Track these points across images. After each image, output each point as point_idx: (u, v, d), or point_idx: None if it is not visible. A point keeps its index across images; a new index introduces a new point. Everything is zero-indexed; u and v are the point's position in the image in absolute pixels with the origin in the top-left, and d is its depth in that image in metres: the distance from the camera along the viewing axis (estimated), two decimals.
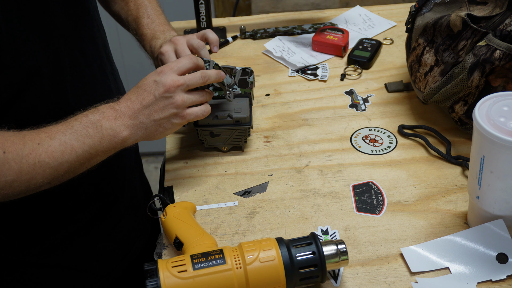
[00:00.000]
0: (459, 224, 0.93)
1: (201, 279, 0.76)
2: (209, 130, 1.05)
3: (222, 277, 0.77)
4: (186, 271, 0.76)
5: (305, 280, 0.80)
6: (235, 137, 1.07)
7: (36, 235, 1.00)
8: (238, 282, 0.77)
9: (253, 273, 0.77)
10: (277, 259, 0.78)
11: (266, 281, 0.78)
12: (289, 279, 0.78)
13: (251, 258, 0.78)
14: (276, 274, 0.78)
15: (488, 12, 1.02)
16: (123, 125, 0.87)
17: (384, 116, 1.16)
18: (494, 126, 0.79)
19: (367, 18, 1.46)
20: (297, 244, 0.80)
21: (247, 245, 0.80)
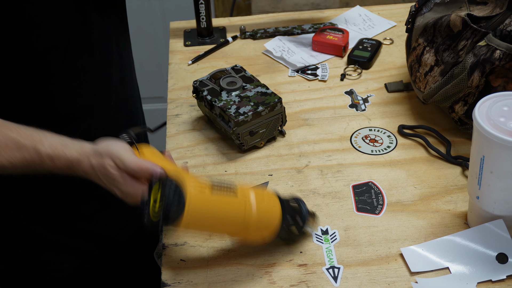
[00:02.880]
0: (459, 224, 0.93)
1: (216, 202, 0.81)
2: (248, 130, 1.05)
3: (233, 205, 0.82)
4: (205, 192, 0.80)
5: (290, 225, 0.87)
6: (271, 128, 1.08)
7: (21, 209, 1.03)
8: (246, 211, 0.82)
9: (259, 205, 0.84)
10: (276, 199, 0.87)
11: (267, 221, 0.85)
12: (283, 219, 0.86)
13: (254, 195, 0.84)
14: (275, 210, 0.86)
15: (488, 12, 1.02)
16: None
17: (384, 116, 1.16)
18: (494, 126, 0.79)
19: (367, 18, 1.46)
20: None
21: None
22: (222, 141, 1.12)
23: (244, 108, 1.05)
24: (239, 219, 0.82)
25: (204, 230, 0.86)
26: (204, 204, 0.80)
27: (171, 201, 0.77)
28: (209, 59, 1.34)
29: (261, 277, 0.87)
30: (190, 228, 0.81)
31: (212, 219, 0.81)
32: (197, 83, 1.12)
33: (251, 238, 0.86)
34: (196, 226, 0.81)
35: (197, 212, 0.79)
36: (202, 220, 0.80)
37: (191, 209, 0.77)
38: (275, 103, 1.06)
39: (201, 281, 0.87)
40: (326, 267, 0.88)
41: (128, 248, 1.25)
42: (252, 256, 0.90)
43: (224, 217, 0.82)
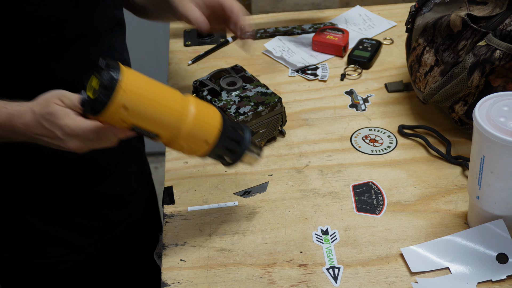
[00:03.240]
0: (459, 224, 0.93)
1: (155, 86, 0.80)
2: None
3: (172, 95, 0.81)
4: (145, 77, 0.79)
5: (227, 149, 0.86)
6: (270, 128, 1.08)
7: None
8: (182, 105, 0.81)
9: (198, 106, 0.83)
10: (218, 114, 0.85)
11: (205, 122, 0.83)
12: (223, 133, 0.84)
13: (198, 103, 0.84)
14: (214, 120, 0.84)
15: (488, 12, 1.02)
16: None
17: (384, 116, 1.16)
18: (494, 126, 0.79)
19: (367, 18, 1.46)
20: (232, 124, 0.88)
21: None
22: None
23: (244, 108, 1.05)
24: (176, 109, 0.81)
25: (141, 118, 0.79)
26: (142, 81, 0.79)
27: (108, 75, 0.75)
28: (209, 59, 1.34)
29: (261, 277, 0.87)
30: (128, 111, 0.77)
31: (149, 102, 0.78)
32: (197, 83, 1.12)
33: (186, 142, 0.83)
34: (134, 106, 0.77)
35: (134, 87, 0.77)
36: (140, 99, 0.77)
37: (128, 81, 0.76)
38: (275, 103, 1.06)
39: (201, 281, 0.87)
40: (326, 267, 0.88)
41: (126, 246, 1.25)
42: (252, 256, 0.90)
43: (162, 103, 0.80)
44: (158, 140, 0.83)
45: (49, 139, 0.83)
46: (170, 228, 0.96)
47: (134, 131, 0.81)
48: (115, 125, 0.79)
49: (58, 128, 0.82)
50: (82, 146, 0.83)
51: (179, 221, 0.97)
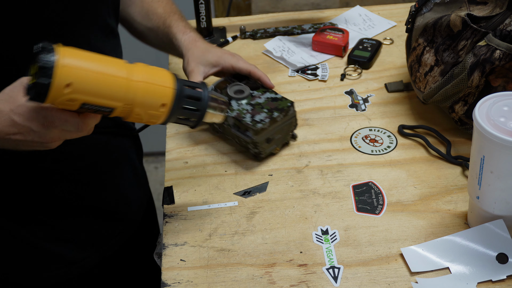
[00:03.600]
0: (459, 224, 0.93)
1: (95, 60, 0.76)
2: (266, 137, 1.04)
3: (116, 63, 0.78)
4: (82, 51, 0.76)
5: (188, 109, 0.83)
6: (285, 133, 1.07)
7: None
8: (129, 72, 0.78)
9: (147, 71, 0.80)
10: (170, 75, 0.82)
11: (157, 85, 0.80)
12: (179, 93, 0.81)
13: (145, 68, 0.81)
14: (167, 81, 0.80)
15: (488, 12, 1.02)
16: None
17: (384, 116, 1.16)
18: (494, 126, 0.79)
19: (367, 18, 1.46)
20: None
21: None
22: (222, 141, 1.12)
23: (260, 116, 1.03)
24: (123, 76, 0.77)
25: (88, 93, 0.75)
26: (81, 55, 0.75)
27: (44, 56, 0.72)
28: None
29: (261, 277, 0.87)
30: (73, 88, 0.73)
31: (93, 74, 0.75)
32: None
33: (143, 110, 0.79)
34: (77, 82, 0.73)
35: (74, 62, 0.74)
36: (82, 74, 0.74)
37: (67, 58, 0.73)
38: (288, 107, 1.05)
39: (201, 281, 0.87)
40: (326, 267, 0.88)
41: (125, 250, 1.25)
42: (252, 256, 0.90)
43: (106, 73, 0.76)
44: (115, 114, 0.79)
45: (22, 137, 0.80)
46: (170, 228, 0.96)
47: (88, 110, 0.77)
48: (67, 107, 0.75)
49: (33, 121, 0.78)
50: (59, 137, 0.81)
51: (179, 221, 0.97)
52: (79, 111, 0.77)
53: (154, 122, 0.82)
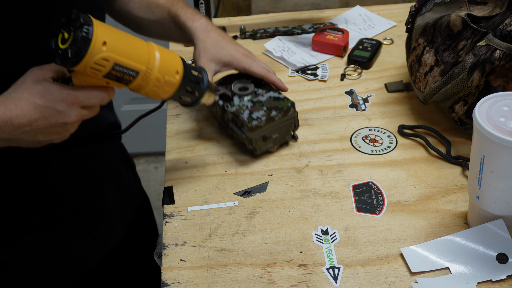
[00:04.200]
0: (459, 224, 0.93)
1: (124, 34, 0.83)
2: (262, 135, 1.04)
3: (140, 42, 0.85)
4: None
5: (193, 81, 0.91)
6: (284, 132, 1.07)
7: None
8: (146, 41, 0.86)
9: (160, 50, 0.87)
10: (175, 53, 0.90)
11: (170, 55, 0.88)
12: (184, 78, 0.89)
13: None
14: (175, 55, 0.89)
15: (488, 12, 1.02)
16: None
17: (384, 116, 1.16)
18: (494, 126, 0.79)
19: (367, 18, 1.46)
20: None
21: None
22: (222, 141, 1.12)
23: (257, 113, 1.04)
24: (144, 43, 0.85)
25: (120, 52, 0.81)
26: (111, 29, 0.81)
27: (79, 17, 0.77)
28: None
29: (261, 277, 0.87)
30: (108, 47, 0.79)
31: (123, 35, 0.82)
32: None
33: (161, 74, 0.86)
34: (112, 39, 0.79)
35: (105, 24, 0.80)
36: (115, 32, 0.81)
37: (100, 25, 0.79)
38: (288, 107, 1.05)
39: (201, 281, 0.87)
40: (326, 267, 0.88)
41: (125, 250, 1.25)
42: (252, 256, 0.90)
43: (132, 37, 0.84)
44: (136, 82, 0.84)
45: (45, 121, 0.79)
46: (170, 228, 0.96)
47: (114, 77, 0.81)
48: (95, 73, 0.80)
49: (57, 100, 0.78)
50: (80, 116, 0.82)
51: (179, 221, 0.97)
52: (105, 79, 0.82)
53: (165, 93, 0.89)
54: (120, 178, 1.18)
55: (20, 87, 0.79)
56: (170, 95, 0.89)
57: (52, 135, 0.83)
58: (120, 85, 0.84)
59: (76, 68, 0.78)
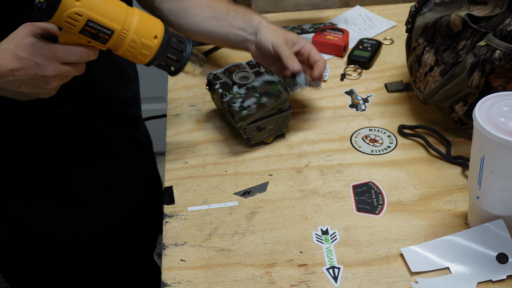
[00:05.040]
0: (459, 224, 0.93)
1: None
2: (256, 126, 1.06)
3: (116, 2, 0.88)
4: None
5: (174, 49, 0.92)
6: (279, 125, 1.08)
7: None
8: (126, 12, 0.88)
9: (140, 13, 0.90)
10: (159, 20, 0.92)
11: (151, 19, 0.91)
12: (168, 32, 0.91)
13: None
14: (158, 21, 0.91)
15: (488, 12, 1.02)
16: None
17: (384, 116, 1.16)
18: (494, 126, 0.79)
19: (367, 18, 1.46)
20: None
21: None
22: (222, 141, 1.12)
23: (249, 101, 1.05)
24: (123, 4, 0.88)
25: (94, 8, 0.85)
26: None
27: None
28: (209, 59, 1.34)
29: (261, 277, 0.87)
30: (81, 2, 0.83)
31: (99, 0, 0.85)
32: (211, 76, 1.12)
33: (137, 36, 0.88)
34: (86, 1, 0.83)
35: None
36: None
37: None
38: (280, 92, 1.05)
39: (201, 281, 0.87)
40: (326, 267, 0.88)
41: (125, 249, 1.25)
42: (252, 256, 0.90)
43: (110, 4, 0.86)
44: (112, 41, 0.87)
45: (25, 72, 0.85)
46: (170, 228, 0.96)
47: (90, 33, 0.85)
48: (70, 27, 0.84)
49: (36, 54, 0.84)
50: (60, 71, 0.86)
51: (179, 221, 0.97)
52: (82, 36, 0.86)
53: (143, 56, 0.91)
54: (124, 158, 1.21)
55: (10, 40, 0.86)
56: (149, 59, 0.91)
57: (35, 88, 0.88)
58: (98, 43, 0.88)
59: (51, 21, 0.83)
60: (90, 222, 1.16)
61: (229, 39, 1.14)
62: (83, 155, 1.11)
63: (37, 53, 0.85)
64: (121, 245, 1.24)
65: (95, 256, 1.20)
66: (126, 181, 1.20)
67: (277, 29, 1.09)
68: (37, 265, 1.16)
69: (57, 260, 1.17)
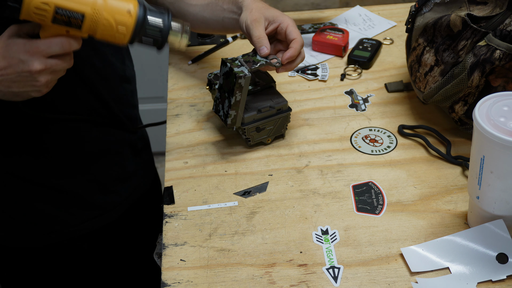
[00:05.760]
0: (459, 224, 0.93)
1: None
2: (255, 126, 1.06)
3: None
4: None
5: (152, 26, 0.89)
6: (278, 126, 1.08)
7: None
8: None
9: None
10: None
11: (119, 5, 0.87)
12: (141, 18, 0.88)
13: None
14: (129, 3, 0.88)
15: (488, 12, 1.02)
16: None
17: (384, 116, 1.16)
18: (494, 126, 0.79)
19: (367, 18, 1.46)
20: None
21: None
22: (222, 141, 1.12)
23: (225, 105, 1.03)
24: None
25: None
26: None
27: None
28: (209, 59, 1.34)
29: (261, 277, 0.87)
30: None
31: None
32: (211, 76, 1.12)
33: (111, 15, 0.87)
34: None
35: None
36: None
37: None
38: (238, 82, 1.00)
39: (201, 281, 0.87)
40: (326, 267, 0.88)
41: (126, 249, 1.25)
42: (252, 256, 0.90)
43: None
44: (86, 25, 0.86)
45: (12, 70, 0.86)
46: (170, 228, 0.96)
47: (62, 22, 0.85)
48: (42, 19, 0.84)
49: (19, 50, 0.86)
50: (45, 65, 0.87)
51: (179, 221, 0.97)
52: (56, 26, 0.86)
53: (122, 35, 0.88)
54: (120, 158, 1.20)
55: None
56: (129, 37, 0.90)
57: (25, 86, 0.88)
58: (75, 31, 0.87)
59: (23, 17, 0.84)
60: (85, 221, 1.16)
61: (225, 24, 1.13)
62: (78, 155, 1.11)
63: (21, 50, 0.86)
64: (119, 244, 1.24)
65: (92, 255, 1.20)
66: (121, 181, 1.20)
67: (256, 7, 1.06)
68: (33, 264, 1.16)
69: (53, 259, 1.17)
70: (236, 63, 1.02)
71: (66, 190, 1.12)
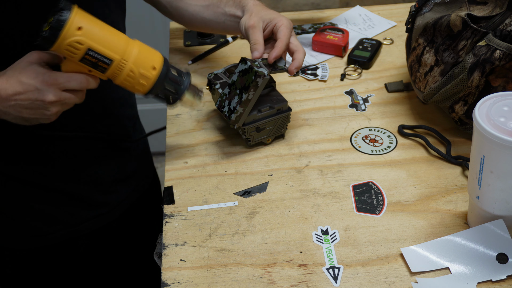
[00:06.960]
0: (459, 224, 0.93)
1: (103, 24, 0.91)
2: (255, 126, 1.06)
3: (118, 34, 0.92)
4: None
5: (172, 81, 0.96)
6: (278, 126, 1.08)
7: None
8: (126, 44, 0.92)
9: (140, 46, 0.94)
10: (158, 52, 0.96)
11: (150, 50, 0.94)
12: (167, 64, 0.95)
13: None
14: (157, 53, 0.95)
15: (488, 12, 1.02)
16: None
17: (384, 116, 1.16)
18: (494, 126, 0.79)
19: (367, 18, 1.46)
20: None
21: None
22: (222, 141, 1.12)
23: (234, 101, 1.04)
24: (123, 36, 0.92)
25: (94, 38, 0.88)
26: (93, 19, 0.89)
27: (61, 3, 0.86)
28: (209, 59, 1.34)
29: (261, 277, 0.87)
30: (83, 31, 0.87)
31: (101, 25, 0.90)
32: (211, 75, 1.12)
33: (135, 66, 0.91)
34: (88, 26, 0.87)
35: (86, 13, 0.89)
36: (92, 21, 0.88)
37: (79, 9, 0.88)
38: (254, 81, 1.01)
39: (201, 281, 0.87)
40: (326, 267, 0.88)
41: (126, 248, 1.25)
42: (252, 256, 0.90)
43: (111, 29, 0.91)
44: (111, 70, 0.90)
45: (26, 96, 0.88)
46: (170, 228, 0.96)
47: (90, 62, 0.88)
48: (71, 56, 0.88)
49: (38, 79, 0.87)
50: (58, 97, 0.89)
51: (179, 221, 0.97)
52: (83, 64, 0.89)
53: (141, 87, 0.94)
54: (118, 160, 1.21)
55: (15, 66, 0.89)
56: (147, 90, 0.94)
57: (36, 114, 0.90)
58: (98, 72, 0.90)
59: (53, 49, 0.86)
60: (85, 221, 1.16)
61: (227, 26, 1.15)
62: (77, 157, 1.11)
63: (39, 79, 0.88)
64: (119, 244, 1.24)
65: (92, 255, 1.20)
66: (121, 181, 1.20)
67: (256, 10, 1.09)
68: (33, 264, 1.16)
69: (53, 259, 1.17)
70: (256, 64, 1.04)
71: (66, 191, 1.12)
